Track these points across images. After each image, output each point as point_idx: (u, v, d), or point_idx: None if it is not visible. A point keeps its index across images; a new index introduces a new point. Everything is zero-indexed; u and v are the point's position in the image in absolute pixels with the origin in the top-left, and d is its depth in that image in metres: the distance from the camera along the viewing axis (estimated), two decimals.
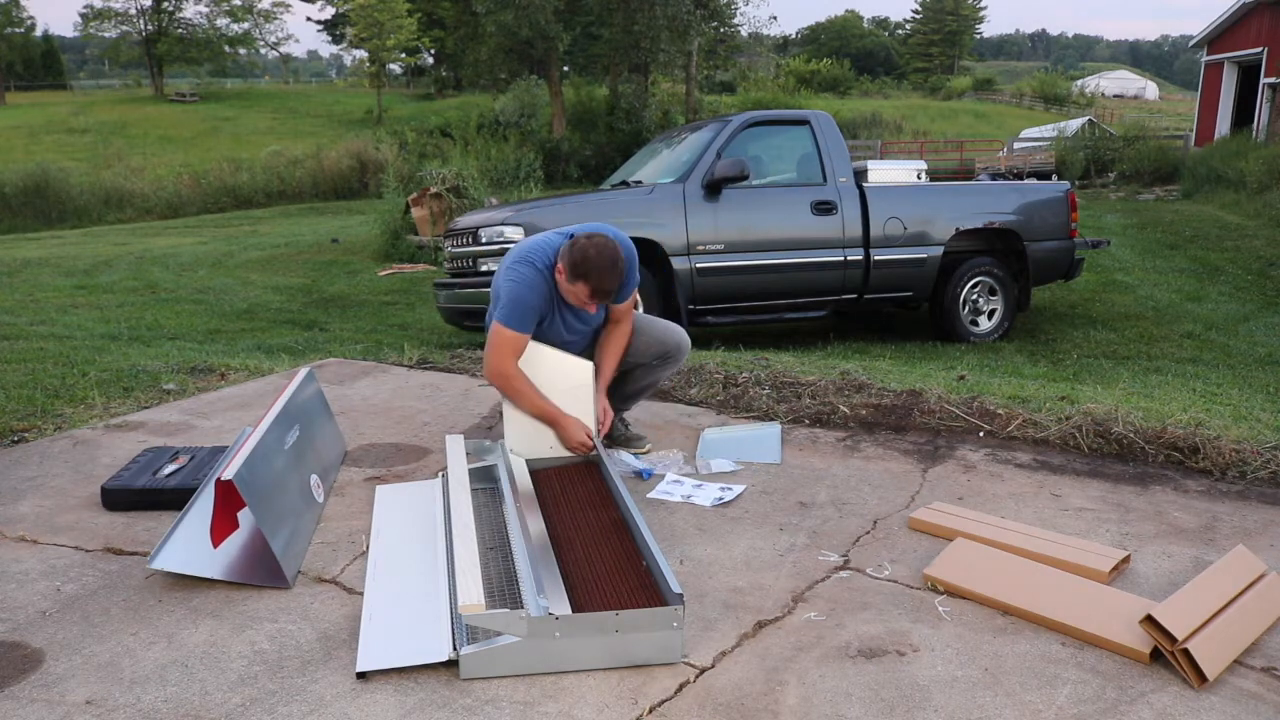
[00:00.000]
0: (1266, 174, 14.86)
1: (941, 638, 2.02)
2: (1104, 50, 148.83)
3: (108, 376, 4.47)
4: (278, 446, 2.56)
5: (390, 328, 7.52)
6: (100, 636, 2.03)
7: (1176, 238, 11.75)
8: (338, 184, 25.17)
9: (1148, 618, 1.89)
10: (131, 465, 2.92)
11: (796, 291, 6.19)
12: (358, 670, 1.87)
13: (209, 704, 1.78)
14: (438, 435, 3.48)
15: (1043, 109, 51.48)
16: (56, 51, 60.79)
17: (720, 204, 5.93)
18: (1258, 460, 3.02)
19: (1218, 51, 23.39)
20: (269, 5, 50.71)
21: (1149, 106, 54.63)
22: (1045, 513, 2.73)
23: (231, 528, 2.32)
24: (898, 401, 3.76)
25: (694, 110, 30.64)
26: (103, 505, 2.75)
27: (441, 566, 2.28)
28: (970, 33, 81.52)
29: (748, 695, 1.82)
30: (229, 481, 2.16)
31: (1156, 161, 20.83)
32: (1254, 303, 8.16)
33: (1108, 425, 3.32)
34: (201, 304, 8.49)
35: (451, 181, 12.71)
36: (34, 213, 22.21)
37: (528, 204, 6.57)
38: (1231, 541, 2.46)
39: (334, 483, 2.99)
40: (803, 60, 60.57)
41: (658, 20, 26.76)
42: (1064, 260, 6.96)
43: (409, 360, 4.87)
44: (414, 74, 51.81)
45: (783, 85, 48.20)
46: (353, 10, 38.94)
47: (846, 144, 6.51)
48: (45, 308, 7.89)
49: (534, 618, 1.87)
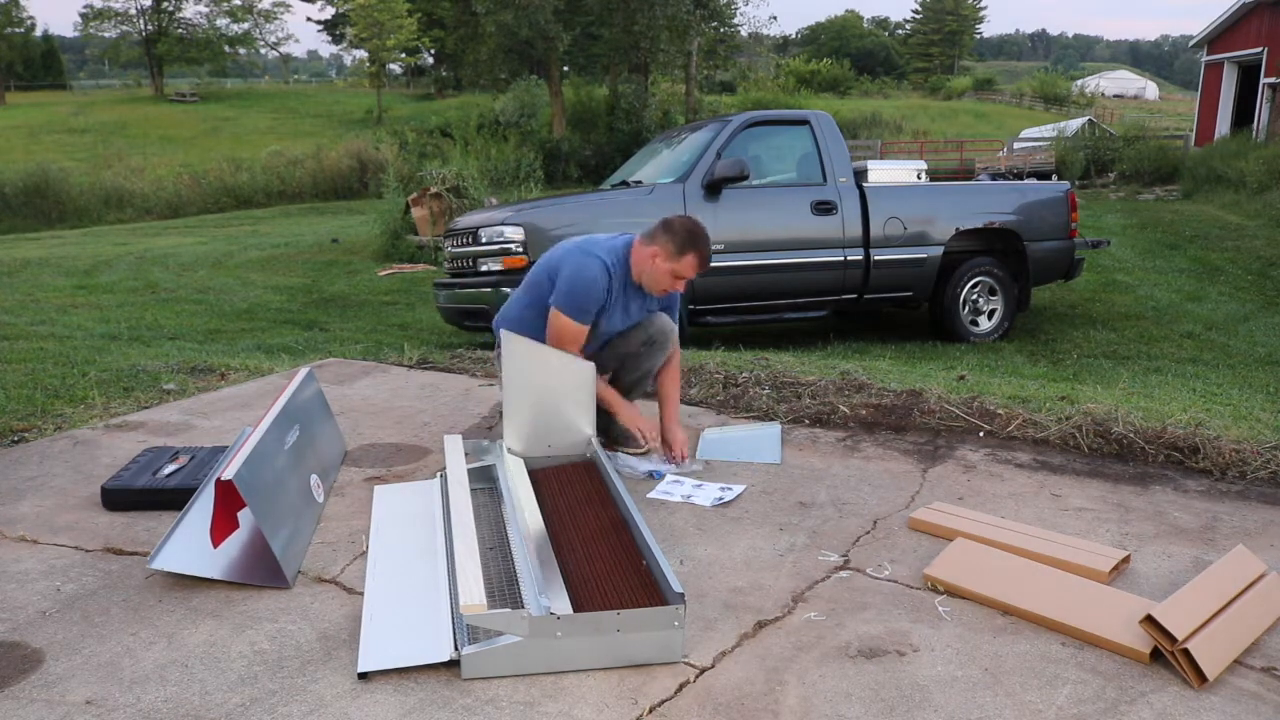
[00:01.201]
0: (1266, 174, 14.86)
1: (941, 638, 2.02)
2: (1104, 50, 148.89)
3: (108, 376, 4.47)
4: (278, 446, 2.56)
5: (390, 328, 7.52)
6: (100, 636, 2.03)
7: (1176, 238, 11.75)
8: (338, 184, 25.16)
9: (1148, 618, 1.89)
10: (131, 465, 2.92)
11: (796, 291, 6.19)
12: (359, 670, 1.87)
13: (209, 704, 1.78)
14: (438, 435, 3.48)
15: (1043, 109, 51.48)
16: (56, 51, 60.78)
17: (720, 204, 5.93)
18: (1258, 460, 3.02)
19: (1218, 51, 23.39)
20: (269, 5, 50.77)
21: (1149, 106, 54.64)
22: (1045, 513, 2.73)
23: (231, 528, 2.32)
24: (898, 401, 3.76)
25: (694, 110, 30.64)
26: (103, 505, 2.75)
27: (442, 567, 2.28)
28: (970, 33, 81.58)
29: (748, 695, 1.82)
30: (229, 481, 2.16)
31: (1156, 161, 20.82)
32: (1254, 303, 8.16)
33: (1108, 425, 3.32)
34: (201, 304, 8.49)
35: (451, 181, 12.71)
36: (34, 213, 22.20)
37: (528, 204, 6.57)
38: (1231, 541, 2.46)
39: (334, 483, 2.99)
40: (803, 60, 60.61)
41: (658, 20, 26.76)
42: (1064, 260, 6.96)
43: (409, 360, 4.87)
44: (414, 74, 51.83)
45: (783, 85, 48.24)
46: (353, 10, 38.95)
47: (846, 144, 6.51)
48: (45, 308, 7.89)
49: (535, 617, 1.87)
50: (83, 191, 23.36)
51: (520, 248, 5.58)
